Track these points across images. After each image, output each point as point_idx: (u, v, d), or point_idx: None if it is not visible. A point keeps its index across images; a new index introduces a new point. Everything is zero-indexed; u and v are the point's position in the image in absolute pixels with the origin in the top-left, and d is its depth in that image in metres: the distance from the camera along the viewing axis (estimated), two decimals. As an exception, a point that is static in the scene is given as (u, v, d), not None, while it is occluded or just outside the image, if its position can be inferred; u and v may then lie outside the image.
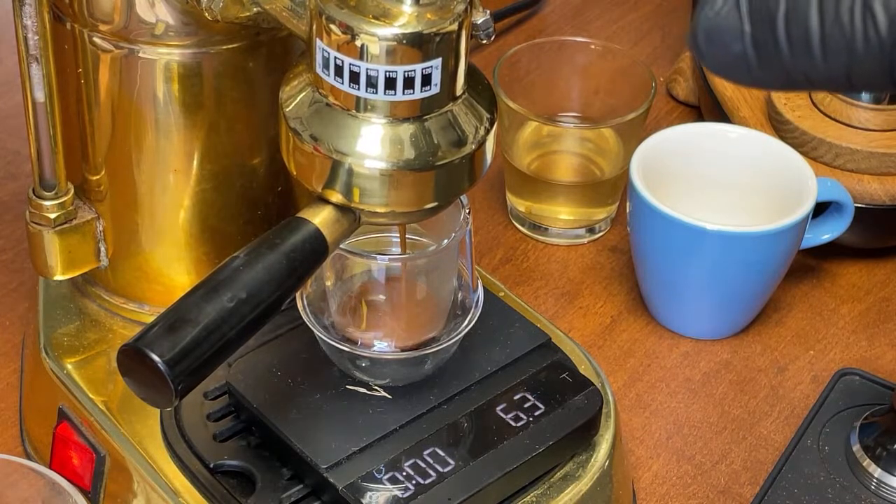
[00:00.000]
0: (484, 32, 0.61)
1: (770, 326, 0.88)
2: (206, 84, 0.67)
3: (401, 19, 0.56)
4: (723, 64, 0.37)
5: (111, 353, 0.73)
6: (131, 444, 0.69)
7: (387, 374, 0.68)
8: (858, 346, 0.87)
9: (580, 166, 0.93)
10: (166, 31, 0.65)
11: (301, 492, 0.65)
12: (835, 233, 0.87)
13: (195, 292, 0.56)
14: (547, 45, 0.97)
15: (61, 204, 0.70)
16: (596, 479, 0.69)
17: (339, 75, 0.57)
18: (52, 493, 0.62)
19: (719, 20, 0.36)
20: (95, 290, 0.75)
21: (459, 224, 0.66)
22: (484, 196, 0.97)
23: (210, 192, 0.71)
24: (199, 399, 0.69)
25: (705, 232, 0.80)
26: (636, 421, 0.81)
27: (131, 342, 0.55)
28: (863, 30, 0.33)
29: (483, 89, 0.61)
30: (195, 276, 0.72)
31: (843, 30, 0.34)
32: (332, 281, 0.68)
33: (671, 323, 0.87)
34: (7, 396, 0.80)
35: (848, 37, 0.34)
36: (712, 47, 0.37)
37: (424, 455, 0.66)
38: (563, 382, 0.70)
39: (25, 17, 0.64)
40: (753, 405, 0.83)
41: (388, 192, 0.59)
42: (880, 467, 0.76)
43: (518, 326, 0.73)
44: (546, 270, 0.92)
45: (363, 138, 0.58)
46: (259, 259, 0.57)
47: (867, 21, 0.33)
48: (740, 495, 0.77)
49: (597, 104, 0.96)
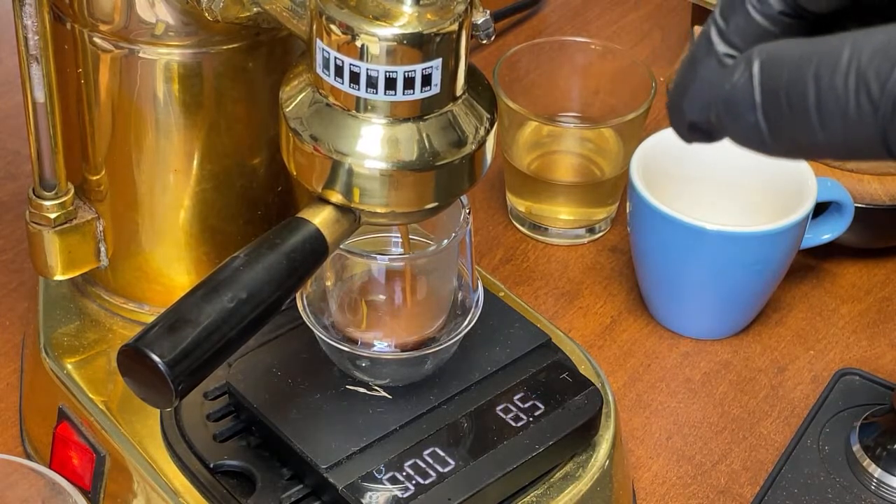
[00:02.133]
0: (484, 32, 0.61)
1: (770, 326, 0.88)
2: (206, 84, 0.67)
3: (401, 19, 0.56)
4: (741, 134, 0.38)
5: (111, 353, 0.73)
6: (131, 444, 0.69)
7: (387, 374, 0.68)
8: (858, 346, 0.87)
9: (580, 166, 0.93)
10: (166, 31, 0.65)
11: (301, 492, 0.65)
12: (835, 233, 0.87)
13: (195, 292, 0.56)
14: (547, 45, 0.97)
15: (61, 204, 0.70)
16: (596, 479, 0.69)
17: (340, 75, 0.57)
18: (51, 493, 0.62)
19: (735, 92, 0.38)
20: (95, 290, 0.75)
21: (459, 224, 0.66)
22: (484, 196, 0.97)
23: (210, 192, 0.71)
24: (199, 399, 0.69)
25: (705, 232, 0.80)
26: (636, 421, 0.81)
27: (131, 342, 0.55)
28: (856, 98, 0.35)
29: (483, 89, 0.61)
30: (195, 276, 0.72)
31: (838, 98, 0.35)
32: (332, 281, 0.68)
33: (671, 323, 0.87)
34: (7, 396, 0.80)
35: (842, 105, 0.35)
36: (730, 118, 0.38)
37: (424, 455, 0.66)
38: (563, 382, 0.70)
39: (25, 17, 0.64)
40: (753, 405, 0.83)
41: (388, 192, 0.59)
42: (880, 467, 0.76)
43: (518, 326, 0.73)
44: (546, 270, 0.92)
45: (363, 138, 0.58)
46: (259, 259, 0.57)
47: (860, 89, 0.35)
48: (740, 495, 0.77)
49: (597, 104, 0.96)
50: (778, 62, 0.37)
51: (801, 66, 0.36)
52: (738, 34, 0.39)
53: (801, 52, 0.36)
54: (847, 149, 0.36)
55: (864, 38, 0.35)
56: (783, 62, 0.37)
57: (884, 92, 0.34)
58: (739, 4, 0.39)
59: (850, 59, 0.35)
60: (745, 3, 0.39)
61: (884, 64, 0.34)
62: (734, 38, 0.39)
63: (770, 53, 0.37)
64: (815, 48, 0.36)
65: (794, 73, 0.36)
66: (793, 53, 0.36)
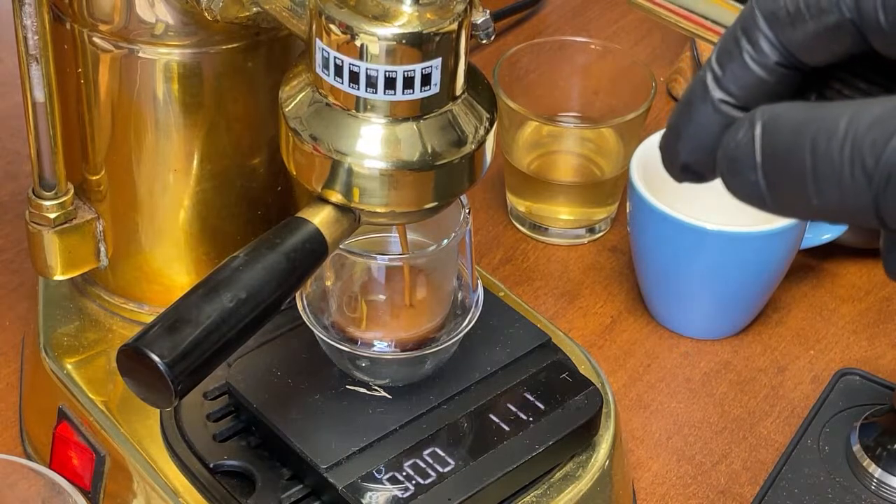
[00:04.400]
0: (484, 32, 0.61)
1: (770, 326, 0.88)
2: (205, 84, 0.67)
3: (400, 19, 0.56)
4: (742, 191, 0.39)
5: (111, 353, 0.73)
6: (131, 444, 0.69)
7: (387, 374, 0.68)
8: (858, 346, 0.87)
9: (580, 166, 0.93)
10: (166, 31, 0.65)
11: (301, 492, 0.65)
12: (835, 233, 0.87)
13: (195, 292, 0.56)
14: (547, 45, 0.97)
15: (61, 204, 0.70)
16: (596, 479, 0.69)
17: (339, 75, 0.57)
18: (51, 494, 0.62)
19: (738, 151, 0.38)
20: (95, 290, 0.75)
21: (459, 224, 0.66)
22: (484, 196, 0.97)
23: (210, 192, 0.71)
24: (199, 399, 0.69)
25: (705, 232, 0.80)
26: (636, 421, 0.81)
27: (131, 342, 0.55)
28: (850, 168, 0.36)
29: (483, 89, 0.61)
30: (195, 276, 0.72)
31: (833, 167, 0.36)
32: (332, 281, 0.68)
33: (671, 323, 0.87)
34: (7, 396, 0.80)
35: (837, 174, 0.36)
36: (732, 175, 0.39)
37: (424, 455, 0.66)
38: (563, 382, 0.70)
39: (25, 17, 0.64)
40: (753, 405, 0.83)
41: (388, 191, 0.59)
42: (880, 467, 0.76)
43: (518, 326, 0.73)
44: (546, 270, 0.92)
45: (363, 138, 0.58)
46: (259, 259, 0.57)
47: (855, 160, 0.35)
48: (740, 495, 0.77)
49: (597, 104, 0.96)
50: (779, 126, 0.37)
51: (800, 132, 0.37)
52: (734, 82, 0.40)
53: (802, 117, 0.37)
54: (841, 216, 0.37)
55: (861, 110, 0.36)
56: (784, 126, 0.37)
57: (878, 165, 0.35)
58: (736, 53, 0.40)
59: (847, 129, 0.36)
60: (742, 53, 0.40)
61: (880, 137, 0.35)
62: (730, 86, 0.40)
63: (772, 116, 0.38)
64: (815, 115, 0.37)
65: (793, 139, 0.37)
66: (793, 118, 0.37)
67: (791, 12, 0.39)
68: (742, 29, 0.40)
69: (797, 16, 0.39)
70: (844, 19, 0.38)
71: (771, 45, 0.39)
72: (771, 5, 0.39)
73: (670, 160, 0.42)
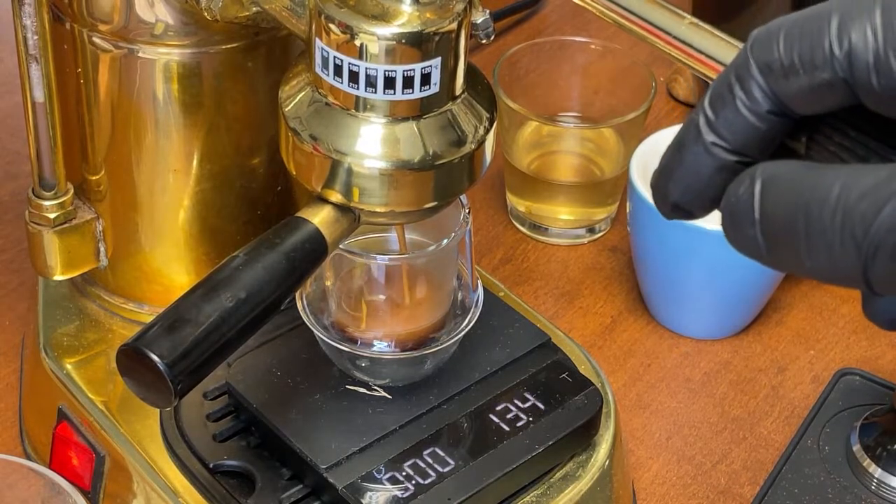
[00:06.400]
0: (484, 32, 0.61)
1: (770, 326, 0.88)
2: (205, 84, 0.67)
3: (400, 18, 0.56)
4: (741, 244, 0.40)
5: (111, 353, 0.73)
6: (131, 444, 0.69)
7: (386, 374, 0.68)
8: (858, 346, 0.87)
9: (580, 166, 0.93)
10: (166, 31, 0.65)
11: (301, 492, 0.65)
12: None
13: (194, 292, 0.56)
14: (547, 45, 0.97)
15: (61, 204, 0.70)
16: (596, 479, 0.69)
17: (339, 75, 0.57)
18: (51, 494, 0.62)
19: (739, 206, 0.40)
20: (95, 290, 0.75)
21: (459, 224, 0.66)
22: (484, 196, 0.97)
23: (210, 192, 0.71)
24: (199, 399, 0.69)
25: (705, 232, 0.80)
26: (636, 421, 0.81)
27: (131, 342, 0.55)
28: (840, 236, 0.37)
29: (483, 89, 0.61)
30: (195, 276, 0.72)
31: (825, 233, 0.37)
32: (332, 281, 0.68)
33: (671, 323, 0.87)
34: (7, 396, 0.80)
35: (828, 240, 0.37)
36: (733, 228, 0.40)
37: (424, 455, 0.66)
38: (563, 382, 0.70)
39: (25, 17, 0.64)
40: (753, 405, 0.83)
41: (388, 191, 0.59)
42: (880, 467, 0.76)
43: (518, 326, 0.73)
44: (546, 270, 0.92)
45: (362, 138, 0.58)
46: (259, 259, 0.57)
47: (845, 228, 0.37)
48: (740, 495, 0.77)
49: (597, 104, 0.96)
50: (777, 186, 0.38)
51: (796, 194, 0.38)
52: (726, 127, 0.41)
53: (798, 180, 0.38)
54: (831, 278, 0.38)
55: (854, 179, 0.37)
56: (781, 187, 0.38)
57: (867, 235, 0.36)
58: (729, 99, 0.40)
59: (839, 198, 0.37)
60: (735, 99, 0.40)
61: (869, 210, 0.36)
62: (722, 130, 0.41)
63: (771, 175, 0.39)
64: (810, 180, 0.38)
65: (789, 200, 0.38)
66: (790, 179, 0.38)
67: (785, 65, 0.39)
68: (736, 76, 0.40)
69: (791, 69, 0.39)
70: (837, 77, 0.38)
71: (764, 94, 0.40)
72: (766, 56, 0.40)
73: (661, 199, 0.43)
